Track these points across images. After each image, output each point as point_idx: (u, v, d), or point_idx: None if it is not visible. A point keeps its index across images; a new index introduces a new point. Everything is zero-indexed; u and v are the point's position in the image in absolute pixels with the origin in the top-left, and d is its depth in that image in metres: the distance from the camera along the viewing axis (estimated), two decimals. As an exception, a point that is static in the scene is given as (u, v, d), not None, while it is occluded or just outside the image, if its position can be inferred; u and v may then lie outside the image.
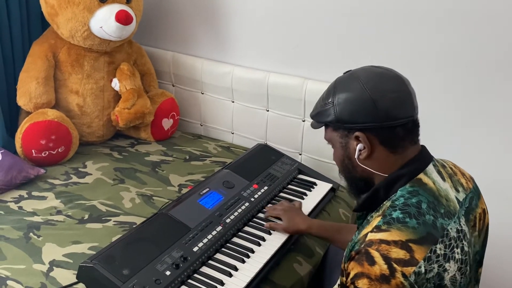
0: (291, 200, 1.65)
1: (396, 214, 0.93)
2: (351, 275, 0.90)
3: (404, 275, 0.85)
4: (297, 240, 1.54)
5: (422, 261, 0.87)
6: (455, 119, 1.74)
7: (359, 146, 1.01)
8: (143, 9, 2.14)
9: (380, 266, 0.86)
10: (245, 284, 1.29)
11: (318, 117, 1.07)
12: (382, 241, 0.89)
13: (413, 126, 1.02)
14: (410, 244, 0.88)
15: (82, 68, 2.02)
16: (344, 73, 1.07)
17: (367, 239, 0.91)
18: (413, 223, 0.91)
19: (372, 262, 0.87)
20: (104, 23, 1.90)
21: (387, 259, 0.87)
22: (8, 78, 2.06)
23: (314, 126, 1.10)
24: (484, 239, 1.09)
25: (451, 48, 1.68)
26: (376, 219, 0.94)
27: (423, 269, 0.87)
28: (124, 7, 1.93)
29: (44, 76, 1.96)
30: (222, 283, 1.27)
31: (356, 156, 1.02)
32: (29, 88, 1.94)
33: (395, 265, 0.86)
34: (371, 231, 0.92)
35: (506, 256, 1.77)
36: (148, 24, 2.37)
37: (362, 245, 0.90)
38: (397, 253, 0.87)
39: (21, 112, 2.04)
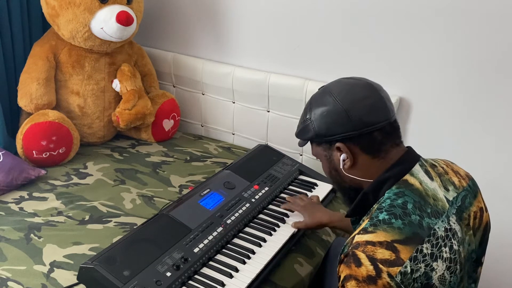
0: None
1: (382, 215, 0.94)
2: (341, 278, 0.91)
3: (390, 275, 0.86)
4: (298, 241, 1.54)
5: (408, 261, 0.88)
6: (455, 118, 1.74)
7: (342, 156, 1.04)
8: (143, 10, 2.14)
9: (367, 267, 0.87)
10: (246, 285, 1.28)
11: (301, 135, 1.11)
12: (368, 243, 0.90)
13: (392, 129, 1.04)
14: (396, 245, 0.89)
15: (83, 69, 2.02)
16: (318, 89, 1.11)
17: (354, 241, 0.92)
18: (399, 223, 0.92)
19: (358, 263, 0.88)
20: (105, 24, 1.90)
21: (372, 260, 0.88)
22: (9, 79, 2.06)
23: (300, 144, 1.14)
24: (482, 238, 1.09)
25: (452, 48, 1.68)
26: (364, 222, 0.96)
27: (409, 269, 0.88)
28: (125, 8, 1.93)
29: (45, 77, 1.96)
30: (222, 284, 1.27)
31: (341, 167, 1.05)
32: (30, 89, 1.95)
33: (380, 266, 0.87)
34: (358, 233, 0.94)
35: (505, 254, 1.77)
36: (149, 25, 2.37)
37: (350, 248, 0.92)
38: (383, 253, 0.88)
39: (22, 113, 2.04)
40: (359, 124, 1.00)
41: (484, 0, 1.58)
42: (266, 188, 1.70)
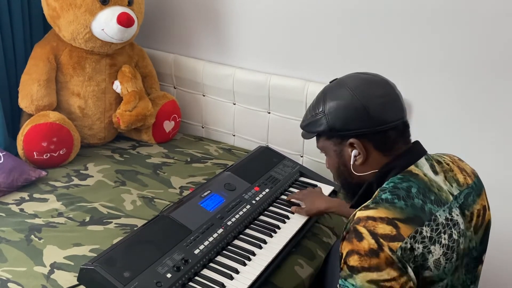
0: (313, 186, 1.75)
1: (385, 195, 0.95)
2: (344, 255, 0.92)
3: (391, 249, 0.88)
4: (298, 243, 1.54)
5: (408, 238, 0.89)
6: (455, 118, 1.74)
7: (354, 152, 1.03)
8: (144, 12, 2.15)
9: (368, 241, 0.89)
10: (246, 286, 1.28)
11: (310, 128, 1.08)
12: (369, 218, 0.91)
13: (404, 127, 1.04)
14: (396, 222, 0.91)
15: (84, 70, 2.03)
16: (330, 82, 1.09)
17: (355, 217, 0.94)
18: (401, 204, 0.93)
19: (360, 238, 0.89)
20: (106, 25, 1.91)
21: (374, 234, 0.89)
22: (10, 80, 2.06)
23: (305, 136, 1.12)
24: (483, 236, 1.08)
25: (452, 49, 1.68)
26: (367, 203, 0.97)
27: (409, 245, 0.89)
28: (126, 10, 1.94)
29: (46, 78, 1.97)
30: (223, 286, 1.27)
31: (352, 163, 1.04)
32: (31, 90, 1.95)
33: (381, 240, 0.88)
34: (359, 210, 0.95)
35: (507, 253, 1.77)
36: (149, 27, 2.38)
37: (351, 223, 0.93)
38: (384, 228, 0.89)
39: (23, 114, 2.04)
40: (376, 121, 0.99)
41: (484, 2, 1.58)
42: (267, 190, 1.69)
